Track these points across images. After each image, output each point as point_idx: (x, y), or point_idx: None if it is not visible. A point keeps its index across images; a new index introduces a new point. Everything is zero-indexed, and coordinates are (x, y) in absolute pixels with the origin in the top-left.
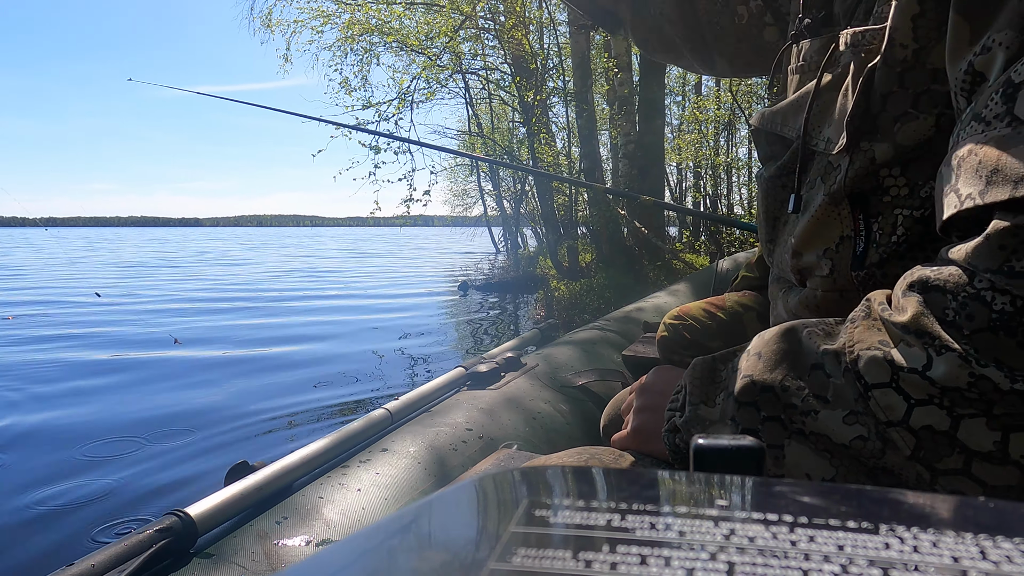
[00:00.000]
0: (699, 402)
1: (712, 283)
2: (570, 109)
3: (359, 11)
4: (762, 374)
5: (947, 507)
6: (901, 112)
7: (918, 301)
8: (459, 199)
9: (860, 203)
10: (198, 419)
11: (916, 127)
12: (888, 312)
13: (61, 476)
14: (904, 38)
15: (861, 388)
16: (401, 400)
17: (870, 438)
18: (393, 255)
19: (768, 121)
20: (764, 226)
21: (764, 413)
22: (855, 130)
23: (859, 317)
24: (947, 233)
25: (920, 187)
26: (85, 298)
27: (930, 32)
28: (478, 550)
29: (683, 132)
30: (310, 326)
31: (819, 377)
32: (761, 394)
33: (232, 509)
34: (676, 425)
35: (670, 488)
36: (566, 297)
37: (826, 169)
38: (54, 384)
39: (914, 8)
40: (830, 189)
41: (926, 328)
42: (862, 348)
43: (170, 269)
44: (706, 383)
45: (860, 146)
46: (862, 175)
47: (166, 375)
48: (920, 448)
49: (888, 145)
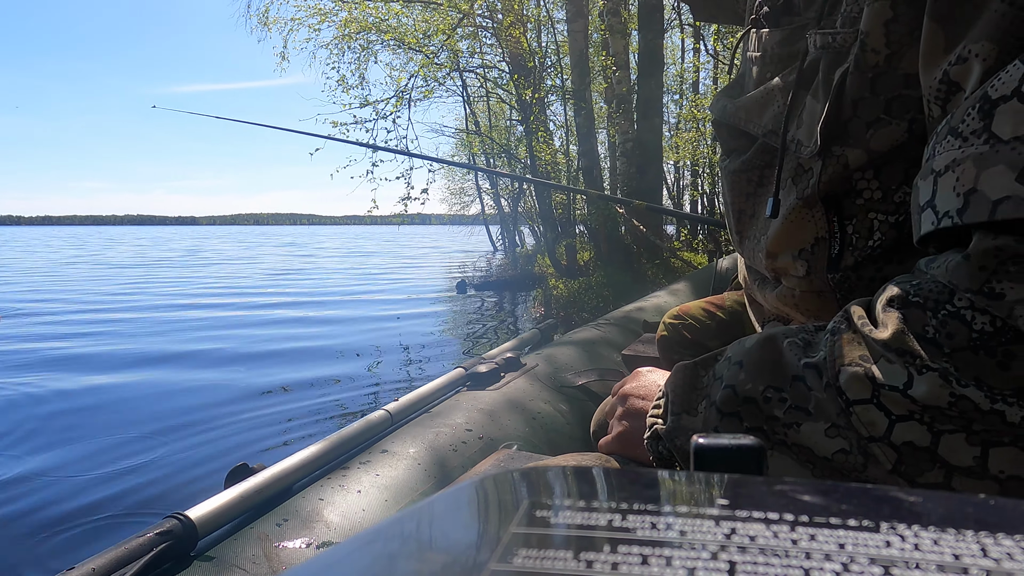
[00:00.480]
0: (681, 411)
1: (712, 282)
2: (568, 107)
3: (356, 9)
4: (743, 384)
5: (948, 505)
6: (873, 118)
7: (898, 318)
8: (457, 197)
9: (834, 206)
10: (197, 419)
11: (889, 132)
12: (868, 328)
13: (69, 472)
14: (876, 43)
15: (843, 404)
16: (401, 401)
17: (852, 452)
18: (391, 253)
19: (731, 116)
20: (731, 218)
21: (747, 424)
22: (827, 135)
23: (840, 330)
24: (924, 245)
25: (894, 192)
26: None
27: (903, 37)
28: (479, 551)
29: (681, 130)
30: (309, 327)
31: (800, 389)
32: (743, 405)
33: (232, 512)
34: (659, 433)
35: (671, 488)
36: (564, 295)
37: (797, 171)
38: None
39: (887, 13)
40: (803, 192)
41: (907, 346)
42: (843, 363)
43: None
44: (688, 390)
45: (832, 151)
46: (835, 179)
47: (167, 374)
48: (901, 463)
49: (861, 151)
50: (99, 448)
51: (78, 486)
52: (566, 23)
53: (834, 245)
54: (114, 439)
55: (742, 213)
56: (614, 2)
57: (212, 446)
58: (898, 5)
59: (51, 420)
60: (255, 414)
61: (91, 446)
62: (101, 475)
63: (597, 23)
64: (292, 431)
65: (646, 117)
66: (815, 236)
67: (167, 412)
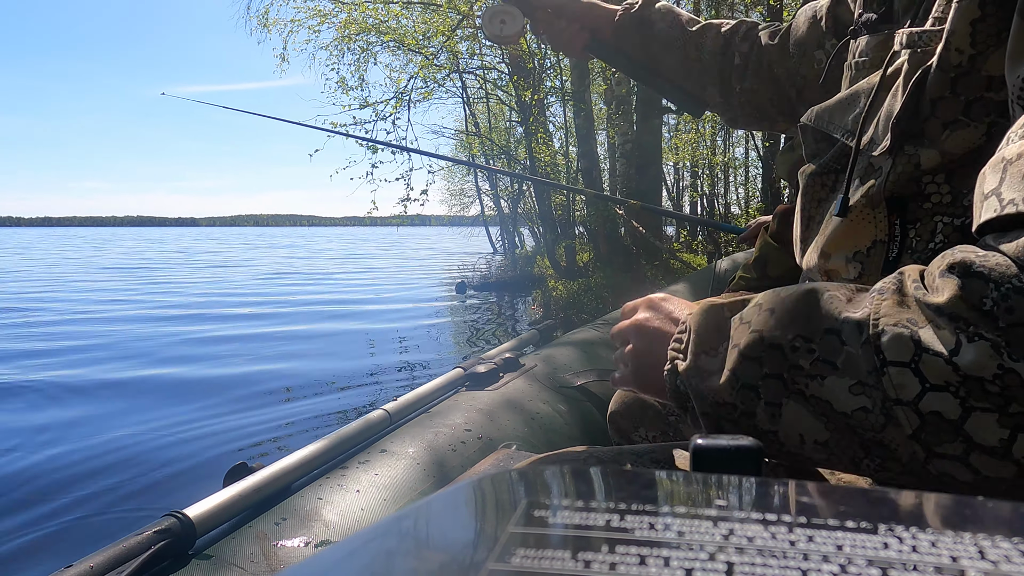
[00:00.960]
0: (701, 351)
1: (710, 284)
2: (568, 108)
3: (356, 10)
4: (772, 331)
5: (945, 507)
6: (952, 119)
7: (957, 285)
8: (456, 199)
9: (898, 208)
10: (197, 420)
11: (966, 135)
12: (922, 291)
13: (67, 471)
14: (961, 43)
15: (878, 362)
16: (399, 401)
17: (873, 411)
18: (390, 255)
19: (817, 118)
20: (800, 226)
21: (767, 370)
22: (900, 133)
23: (889, 290)
24: (982, 235)
25: (964, 195)
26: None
27: (988, 38)
28: (477, 550)
29: (680, 132)
30: (307, 326)
31: (832, 343)
32: (767, 350)
33: (231, 510)
34: (677, 369)
35: (669, 488)
36: (564, 297)
37: (866, 170)
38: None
39: (975, 12)
40: (868, 191)
41: (961, 313)
42: (888, 323)
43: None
44: (711, 331)
45: (904, 149)
46: (904, 179)
47: (169, 370)
48: (923, 430)
49: (935, 152)
50: (98, 447)
51: (76, 484)
52: None
53: (892, 248)
54: (113, 437)
55: (811, 220)
56: None
57: (210, 444)
58: (987, 4)
59: (51, 418)
60: (255, 413)
61: (90, 444)
62: (100, 474)
63: None
64: (291, 431)
65: (645, 118)
66: (873, 239)
67: (167, 411)
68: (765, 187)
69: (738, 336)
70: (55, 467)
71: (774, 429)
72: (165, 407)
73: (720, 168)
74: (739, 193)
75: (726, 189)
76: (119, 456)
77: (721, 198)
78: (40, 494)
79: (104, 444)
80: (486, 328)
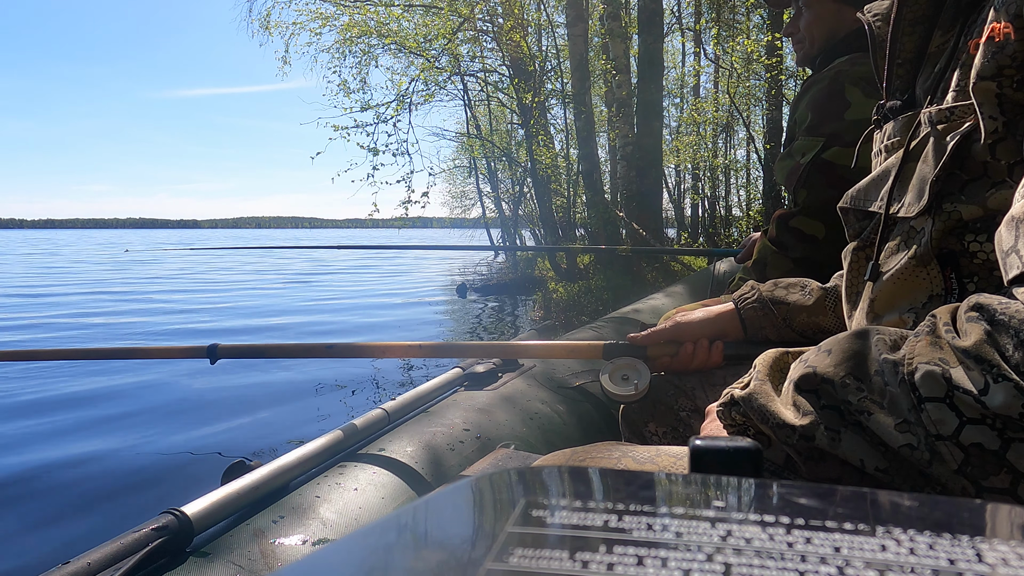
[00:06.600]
0: (763, 380)
1: (709, 285)
2: (568, 111)
3: (358, 13)
4: (825, 368)
5: (943, 509)
6: (999, 179)
7: (983, 329)
8: (457, 201)
9: (951, 262)
10: (196, 420)
11: (1008, 194)
12: (952, 335)
13: (65, 469)
14: (991, 111)
15: (915, 399)
16: (398, 400)
17: (919, 448)
18: (391, 255)
19: (853, 199)
20: (847, 304)
21: (824, 401)
22: (938, 192)
23: (923, 332)
24: (1013, 286)
25: None
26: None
27: (1015, 107)
28: (475, 550)
29: (681, 134)
30: (307, 326)
31: (878, 383)
32: (821, 385)
33: (228, 508)
34: (734, 398)
35: (667, 489)
36: (564, 299)
37: (908, 234)
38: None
39: (994, 89)
40: (916, 252)
41: (987, 356)
42: (921, 361)
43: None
44: (773, 369)
45: (943, 208)
46: (947, 233)
47: (165, 374)
48: (968, 464)
49: (977, 207)
50: (97, 445)
51: (74, 481)
52: (566, 27)
53: (950, 300)
54: (112, 435)
55: (857, 296)
56: (614, 6)
57: (209, 444)
58: (1003, 85)
59: (49, 416)
60: (254, 412)
61: (88, 442)
62: (99, 473)
63: (597, 27)
64: (290, 429)
65: (646, 121)
66: (929, 294)
67: (167, 409)
68: (767, 189)
69: (795, 372)
70: (53, 464)
71: (834, 452)
72: (163, 403)
73: (721, 170)
74: (740, 195)
75: (727, 191)
76: (117, 454)
77: (722, 200)
78: (37, 491)
79: (102, 442)
80: (486, 330)
